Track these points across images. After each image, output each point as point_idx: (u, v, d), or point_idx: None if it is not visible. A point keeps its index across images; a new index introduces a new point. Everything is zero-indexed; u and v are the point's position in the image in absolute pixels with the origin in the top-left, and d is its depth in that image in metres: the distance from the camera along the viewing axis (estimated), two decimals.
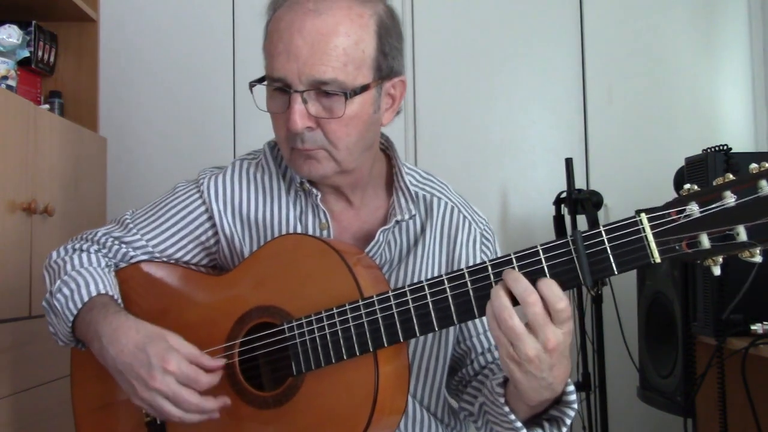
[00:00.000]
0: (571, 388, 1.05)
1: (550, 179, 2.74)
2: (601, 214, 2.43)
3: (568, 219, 2.46)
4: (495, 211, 2.76)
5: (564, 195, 2.46)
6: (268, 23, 1.20)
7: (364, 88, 1.16)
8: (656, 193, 2.35)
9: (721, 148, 1.89)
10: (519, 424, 1.07)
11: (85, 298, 1.20)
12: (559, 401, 1.06)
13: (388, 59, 1.19)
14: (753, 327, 1.86)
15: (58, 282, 1.23)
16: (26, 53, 2.20)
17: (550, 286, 0.96)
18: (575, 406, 1.06)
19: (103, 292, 1.22)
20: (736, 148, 1.92)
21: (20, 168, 1.81)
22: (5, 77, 2.05)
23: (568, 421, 1.07)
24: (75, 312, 1.20)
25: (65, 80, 2.46)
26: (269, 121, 1.25)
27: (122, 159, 2.73)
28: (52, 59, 2.36)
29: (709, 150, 1.91)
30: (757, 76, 2.87)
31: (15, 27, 2.12)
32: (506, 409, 1.07)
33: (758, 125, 2.85)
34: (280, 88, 1.16)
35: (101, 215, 2.29)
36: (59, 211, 1.94)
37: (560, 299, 0.95)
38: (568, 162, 2.47)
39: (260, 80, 1.19)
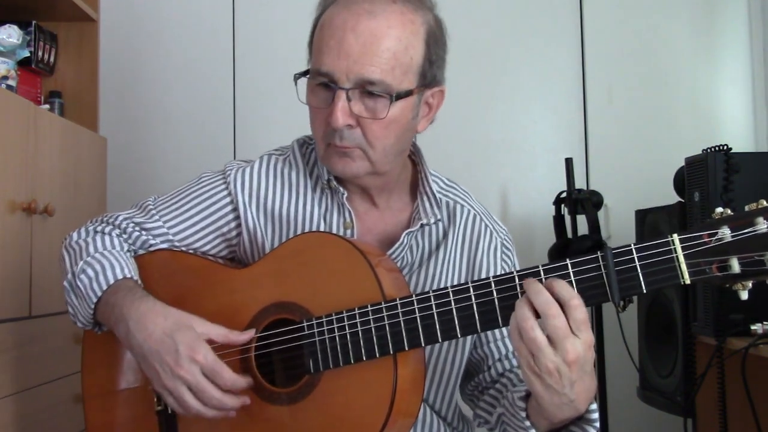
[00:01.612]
0: (594, 406, 1.05)
1: (550, 179, 2.74)
2: (601, 214, 2.44)
3: (568, 219, 2.46)
4: (495, 211, 2.75)
5: (564, 195, 2.46)
6: (318, 18, 1.21)
7: (408, 93, 1.18)
8: (656, 193, 2.38)
9: (721, 148, 1.89)
10: None
11: (111, 281, 1.21)
12: (581, 418, 1.06)
13: (433, 68, 1.22)
14: (753, 327, 1.86)
15: (81, 263, 1.23)
16: (26, 53, 2.20)
17: (562, 285, 0.96)
18: (597, 425, 1.05)
19: (128, 276, 1.22)
20: (736, 148, 1.92)
21: (20, 168, 1.81)
22: (5, 77, 2.05)
23: None
24: (99, 294, 1.20)
25: (65, 80, 2.45)
26: (269, 122, 1.25)
27: (122, 159, 2.73)
28: (52, 59, 2.36)
29: (709, 150, 1.91)
30: (757, 76, 2.87)
31: (15, 27, 2.11)
32: (527, 423, 1.06)
33: (758, 125, 2.85)
34: (324, 84, 1.17)
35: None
36: (59, 211, 1.94)
37: (573, 296, 0.96)
38: (568, 162, 2.47)
39: (304, 73, 1.21)
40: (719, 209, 0.96)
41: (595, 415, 1.05)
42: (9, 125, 1.77)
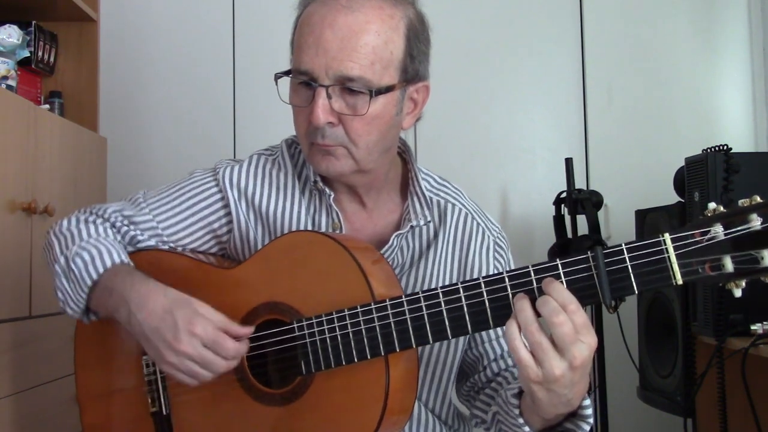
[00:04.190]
0: (587, 402, 1.04)
1: (550, 179, 2.74)
2: (601, 214, 2.43)
3: (568, 219, 2.46)
4: (495, 211, 2.76)
5: (564, 195, 2.46)
6: (298, 17, 1.20)
7: (389, 89, 1.16)
8: (656, 193, 2.38)
9: (721, 148, 1.89)
10: None
11: (108, 264, 1.20)
12: (575, 414, 1.05)
13: (415, 63, 1.20)
14: (753, 327, 1.86)
15: (75, 247, 1.22)
16: (26, 53, 2.20)
17: (560, 291, 0.95)
18: (590, 420, 1.05)
19: (126, 261, 1.22)
20: (736, 148, 1.92)
21: (20, 168, 1.81)
22: (5, 77, 2.05)
23: None
24: (95, 278, 1.19)
25: (65, 80, 2.46)
26: (269, 122, 1.25)
27: (122, 159, 2.73)
28: (52, 59, 2.36)
29: (709, 150, 1.91)
30: (757, 76, 2.87)
31: (15, 27, 2.11)
32: (521, 420, 1.06)
33: (758, 125, 2.85)
34: (304, 82, 1.16)
35: None
36: (59, 211, 1.94)
37: (571, 301, 0.94)
38: (568, 162, 2.47)
39: (286, 73, 1.20)
40: (712, 205, 0.93)
41: (589, 411, 1.04)
42: (9, 125, 1.77)
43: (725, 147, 1.89)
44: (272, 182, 1.29)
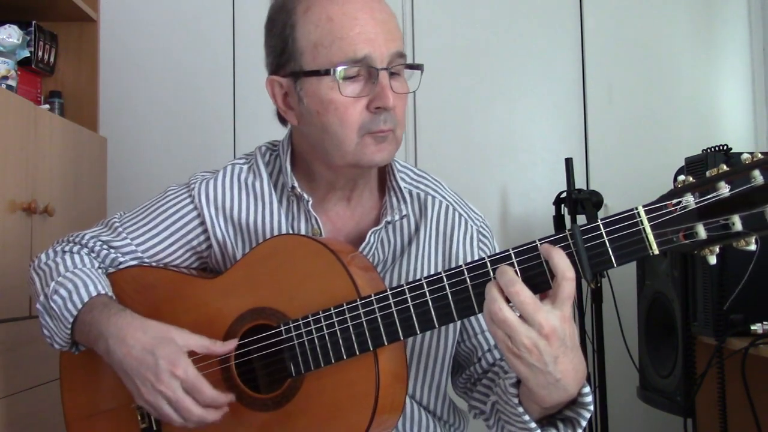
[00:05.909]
0: (587, 389, 1.03)
1: (550, 179, 2.74)
2: (601, 214, 2.43)
3: (568, 219, 2.46)
4: (495, 211, 2.76)
5: (564, 195, 2.46)
6: (310, 13, 1.17)
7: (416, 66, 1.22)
8: (656, 194, 2.35)
9: (721, 148, 1.89)
10: (533, 425, 1.04)
11: (85, 299, 1.20)
12: (574, 402, 1.04)
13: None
14: (753, 327, 1.86)
15: (53, 284, 1.22)
16: (26, 53, 2.20)
17: (561, 257, 0.95)
18: (591, 407, 1.04)
19: (102, 292, 1.21)
20: (736, 148, 1.92)
21: (20, 168, 1.81)
22: (5, 77, 2.05)
23: (584, 423, 1.05)
24: (75, 313, 1.19)
25: (65, 80, 2.46)
26: (269, 121, 1.25)
27: (122, 159, 2.73)
28: (52, 59, 2.36)
29: (709, 150, 1.91)
30: (757, 76, 2.87)
31: (15, 27, 2.11)
32: (520, 409, 1.05)
33: (758, 125, 2.85)
34: (354, 74, 1.15)
35: (101, 215, 2.29)
36: (59, 211, 1.94)
37: (567, 269, 0.95)
38: (568, 162, 2.47)
39: (314, 72, 1.17)
40: (681, 177, 0.96)
41: (588, 399, 1.03)
42: (9, 125, 1.77)
43: (725, 147, 1.89)
44: (249, 192, 1.29)
